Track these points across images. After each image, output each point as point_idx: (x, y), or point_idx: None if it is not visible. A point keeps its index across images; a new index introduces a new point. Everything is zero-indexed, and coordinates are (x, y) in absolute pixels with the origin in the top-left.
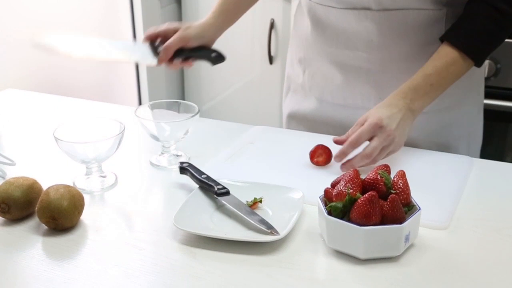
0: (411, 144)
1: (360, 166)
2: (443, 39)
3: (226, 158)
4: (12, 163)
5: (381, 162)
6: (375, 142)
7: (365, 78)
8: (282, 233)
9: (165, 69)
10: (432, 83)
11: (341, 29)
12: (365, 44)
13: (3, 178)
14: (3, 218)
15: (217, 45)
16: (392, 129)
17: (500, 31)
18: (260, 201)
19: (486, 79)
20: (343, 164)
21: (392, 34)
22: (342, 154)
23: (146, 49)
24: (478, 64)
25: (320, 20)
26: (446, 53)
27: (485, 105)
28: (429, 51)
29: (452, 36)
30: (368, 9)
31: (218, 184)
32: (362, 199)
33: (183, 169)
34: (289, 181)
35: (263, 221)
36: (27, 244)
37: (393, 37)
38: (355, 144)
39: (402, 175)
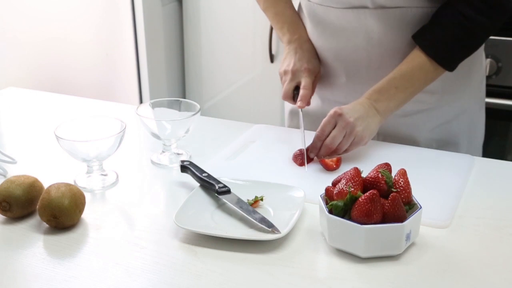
0: (412, 140)
1: (329, 156)
2: (414, 40)
3: (227, 156)
4: (13, 162)
5: (376, 157)
6: (334, 131)
7: (365, 75)
8: (283, 231)
9: (166, 68)
10: (397, 86)
11: (341, 27)
12: (365, 42)
13: (4, 176)
14: (4, 217)
15: (218, 44)
16: (352, 117)
17: (469, 37)
18: (261, 200)
19: (488, 77)
20: (316, 156)
21: (391, 32)
22: (313, 149)
23: None
24: (449, 68)
25: (320, 19)
26: (414, 58)
27: (486, 103)
28: None
29: (421, 41)
30: (366, 7)
31: (219, 182)
32: (363, 198)
33: (184, 168)
34: (290, 180)
35: (264, 220)
36: (28, 243)
37: (392, 34)
38: (321, 136)
39: (403, 173)
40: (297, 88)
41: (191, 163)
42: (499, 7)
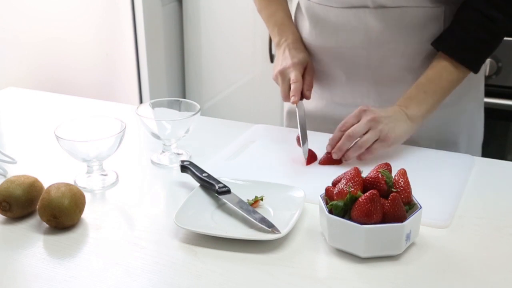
0: (410, 141)
1: (348, 151)
2: (436, 46)
3: (227, 156)
4: (13, 162)
5: (377, 157)
6: (359, 123)
7: (364, 75)
8: (283, 231)
9: (166, 67)
10: (426, 91)
11: (340, 27)
12: (364, 41)
13: (4, 176)
14: (4, 217)
15: (218, 44)
16: (378, 114)
17: (491, 37)
18: (261, 200)
19: (488, 77)
20: (334, 150)
21: (391, 31)
22: (332, 141)
23: None
24: (474, 70)
25: (319, 18)
26: (439, 62)
27: (486, 103)
28: (428, 48)
29: (444, 45)
30: (366, 7)
31: (219, 182)
32: (363, 198)
33: (184, 168)
34: (290, 180)
35: (264, 220)
36: (28, 243)
37: (392, 34)
38: (342, 127)
39: (403, 173)
40: None
41: (191, 163)
42: None
